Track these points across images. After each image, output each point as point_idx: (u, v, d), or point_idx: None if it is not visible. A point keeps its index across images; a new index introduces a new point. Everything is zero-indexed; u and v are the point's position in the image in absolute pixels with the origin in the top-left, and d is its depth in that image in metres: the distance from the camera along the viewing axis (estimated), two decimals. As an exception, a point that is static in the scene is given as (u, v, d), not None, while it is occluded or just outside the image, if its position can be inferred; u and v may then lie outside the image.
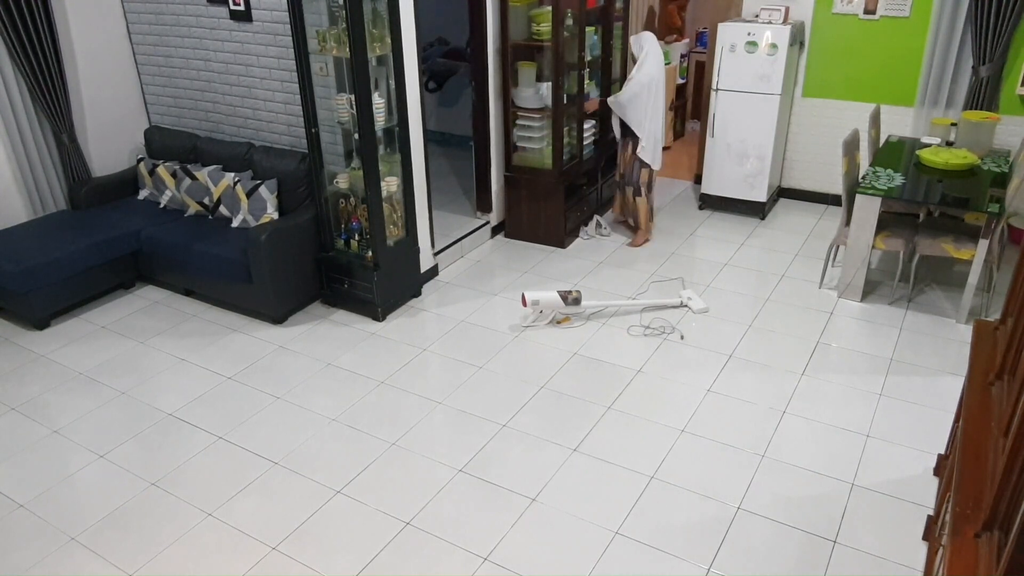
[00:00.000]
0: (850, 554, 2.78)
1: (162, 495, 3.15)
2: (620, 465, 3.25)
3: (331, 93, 4.21)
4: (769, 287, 4.76)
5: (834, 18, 5.50)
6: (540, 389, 3.78)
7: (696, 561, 2.76)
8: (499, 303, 4.63)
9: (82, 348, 4.24)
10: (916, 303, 4.51)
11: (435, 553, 2.83)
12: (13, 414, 3.69)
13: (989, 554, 1.69)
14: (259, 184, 4.55)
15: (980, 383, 2.41)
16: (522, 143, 5.35)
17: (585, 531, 2.91)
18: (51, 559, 2.85)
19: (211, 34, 4.75)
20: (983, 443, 2.10)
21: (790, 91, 5.71)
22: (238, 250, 4.31)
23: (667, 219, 5.85)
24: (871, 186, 4.29)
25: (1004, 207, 4.02)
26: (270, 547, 2.87)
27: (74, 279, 4.44)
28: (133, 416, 3.65)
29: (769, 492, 3.08)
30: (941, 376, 3.81)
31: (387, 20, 3.98)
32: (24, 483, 3.24)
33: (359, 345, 4.20)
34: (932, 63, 5.18)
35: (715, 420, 3.52)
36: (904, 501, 3.02)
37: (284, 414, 3.64)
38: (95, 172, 5.16)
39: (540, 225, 5.39)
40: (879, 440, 3.36)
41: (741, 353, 4.04)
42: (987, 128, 4.68)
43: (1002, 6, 4.76)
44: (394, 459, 3.32)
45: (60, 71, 4.74)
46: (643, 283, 4.81)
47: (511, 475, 3.20)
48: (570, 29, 4.96)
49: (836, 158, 5.82)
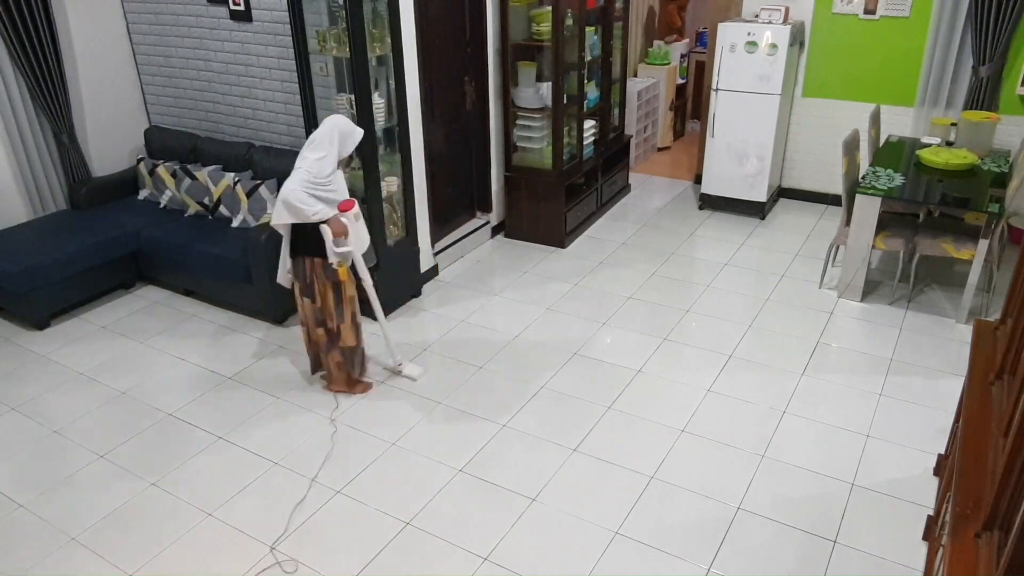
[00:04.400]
0: (850, 554, 2.78)
1: (162, 495, 3.15)
2: (620, 465, 3.25)
3: (331, 93, 4.21)
4: (769, 287, 4.76)
5: (834, 18, 5.50)
6: (540, 389, 3.78)
7: (696, 561, 2.76)
8: (499, 303, 4.63)
9: (82, 348, 4.24)
10: (916, 303, 4.51)
11: (435, 553, 2.83)
12: (13, 414, 3.69)
13: (989, 554, 1.69)
14: (259, 184, 4.55)
15: (980, 383, 2.41)
16: (522, 143, 5.35)
17: (585, 531, 2.91)
18: (51, 559, 2.85)
19: (211, 34, 4.75)
20: (983, 443, 2.10)
21: (790, 91, 5.71)
22: (238, 250, 4.31)
23: (667, 219, 5.85)
24: (871, 186, 4.29)
25: (1004, 207, 4.01)
26: (270, 547, 2.87)
27: (74, 279, 4.44)
28: (133, 416, 3.65)
29: (769, 492, 3.08)
30: (941, 376, 3.81)
31: (387, 20, 3.98)
32: (24, 483, 3.24)
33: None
34: (932, 63, 5.18)
35: (715, 420, 3.52)
36: (904, 501, 3.02)
37: (284, 414, 3.64)
38: (95, 172, 5.16)
39: (540, 225, 5.39)
40: (879, 440, 3.36)
41: (741, 353, 4.04)
42: (987, 128, 4.68)
43: (1002, 6, 4.76)
44: (394, 459, 3.32)
45: (60, 71, 4.74)
46: (643, 282, 4.81)
47: (511, 475, 3.20)
48: (570, 29, 4.96)
49: (836, 158, 5.81)
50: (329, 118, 3.40)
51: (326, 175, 3.31)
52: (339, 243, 3.34)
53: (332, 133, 3.33)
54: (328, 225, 3.31)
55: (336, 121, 3.37)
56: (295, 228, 3.41)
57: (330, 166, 3.33)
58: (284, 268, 3.55)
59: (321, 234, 3.34)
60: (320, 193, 3.28)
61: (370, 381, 3.83)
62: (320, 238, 3.35)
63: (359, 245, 3.48)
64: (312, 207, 3.24)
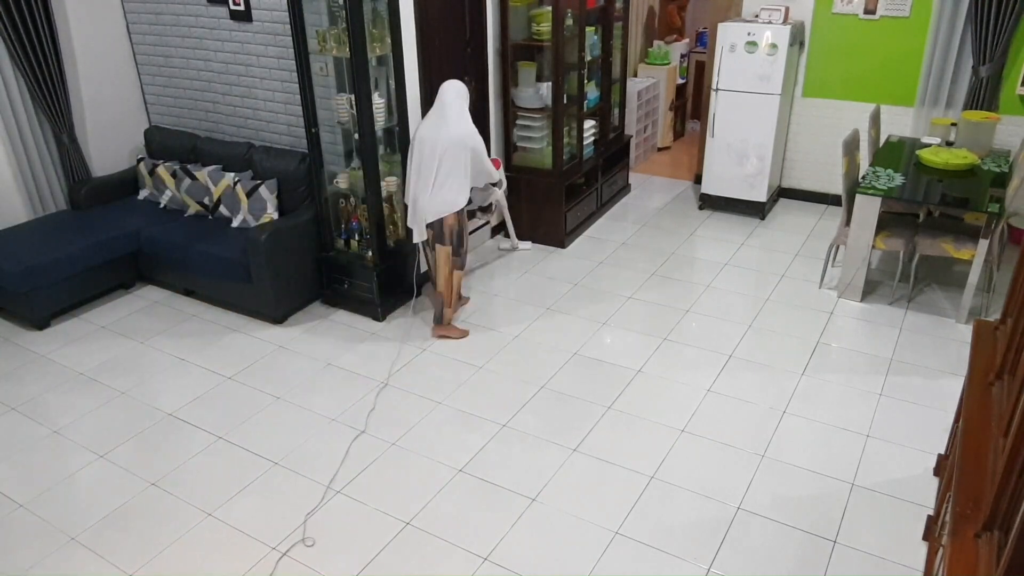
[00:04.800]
0: (850, 554, 2.78)
1: (162, 495, 3.15)
2: (620, 465, 3.25)
3: (331, 93, 4.21)
4: (769, 287, 4.76)
5: (834, 18, 5.50)
6: (540, 389, 3.78)
7: (696, 561, 2.77)
8: (499, 303, 4.62)
9: (82, 348, 4.24)
10: (916, 303, 4.51)
11: (435, 553, 2.83)
12: (13, 414, 3.69)
13: (989, 554, 1.69)
14: (259, 184, 4.55)
15: (980, 383, 2.41)
16: (522, 143, 5.35)
17: (585, 531, 2.91)
18: (51, 559, 2.85)
19: (211, 34, 4.75)
20: (983, 443, 2.10)
21: (790, 91, 5.71)
22: (238, 250, 4.31)
23: (667, 219, 5.85)
24: (871, 186, 4.29)
25: (1004, 207, 4.02)
26: (270, 547, 2.87)
27: (74, 279, 4.44)
28: (133, 416, 3.65)
29: (769, 492, 3.08)
30: (941, 376, 3.81)
31: (387, 20, 3.99)
32: (24, 483, 3.24)
33: (359, 345, 4.20)
34: (932, 63, 5.18)
35: (715, 420, 3.52)
36: (904, 501, 3.02)
37: (284, 414, 3.64)
38: (95, 172, 5.16)
39: (540, 225, 5.39)
40: (879, 440, 3.36)
41: (741, 353, 4.04)
42: (987, 128, 4.68)
43: (1002, 6, 4.76)
44: (394, 459, 3.32)
45: (60, 71, 4.74)
46: (643, 282, 4.81)
47: (511, 475, 3.20)
48: (570, 29, 4.96)
49: (836, 158, 5.82)
50: (448, 83, 3.89)
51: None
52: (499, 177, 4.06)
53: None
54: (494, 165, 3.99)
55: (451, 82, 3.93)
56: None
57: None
58: (422, 223, 3.98)
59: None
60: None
61: (465, 330, 4.29)
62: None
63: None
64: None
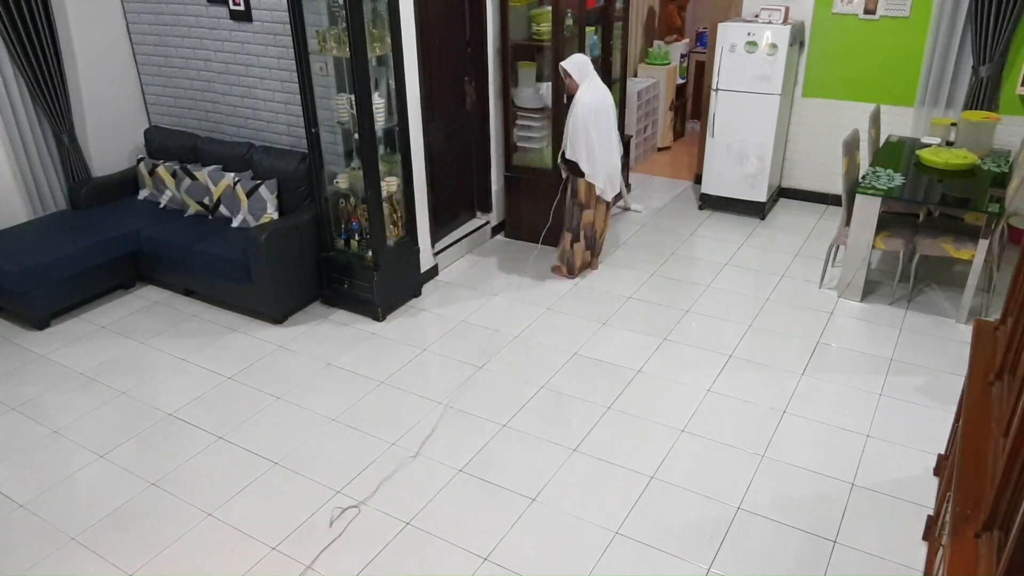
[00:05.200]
0: (850, 554, 2.78)
1: (162, 495, 3.15)
2: (620, 465, 3.25)
3: (331, 93, 4.21)
4: (769, 287, 4.76)
5: (834, 18, 5.50)
6: (540, 389, 3.78)
7: (696, 561, 2.77)
8: (499, 303, 4.63)
9: (82, 348, 4.24)
10: (916, 303, 4.51)
11: (435, 553, 2.83)
12: (13, 414, 3.69)
13: (989, 554, 1.69)
14: (259, 184, 4.55)
15: (980, 383, 2.41)
16: (522, 143, 5.35)
17: (585, 531, 2.91)
18: (51, 559, 2.85)
19: (211, 34, 4.75)
20: (983, 443, 2.10)
21: (790, 91, 5.71)
22: (238, 250, 4.31)
23: (667, 219, 5.85)
24: (871, 186, 4.29)
25: (1004, 207, 4.02)
26: (270, 547, 2.87)
27: (74, 279, 4.44)
28: (133, 416, 3.65)
29: (769, 492, 3.08)
30: (941, 376, 3.81)
31: (387, 20, 3.99)
32: (24, 483, 3.24)
33: (359, 345, 4.20)
34: (932, 63, 5.18)
35: (715, 420, 3.52)
36: (904, 501, 3.02)
37: (284, 414, 3.64)
38: (95, 172, 5.16)
39: (540, 225, 5.38)
40: (879, 440, 3.36)
41: (741, 353, 4.04)
42: (987, 128, 4.68)
43: (1002, 6, 4.76)
44: (394, 459, 3.32)
45: (60, 71, 4.74)
46: (643, 282, 4.81)
47: (511, 475, 3.20)
48: (570, 29, 4.96)
49: (836, 158, 5.82)
50: (582, 56, 4.49)
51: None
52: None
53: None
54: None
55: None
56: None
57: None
58: (618, 181, 4.72)
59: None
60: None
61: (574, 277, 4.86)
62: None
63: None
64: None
